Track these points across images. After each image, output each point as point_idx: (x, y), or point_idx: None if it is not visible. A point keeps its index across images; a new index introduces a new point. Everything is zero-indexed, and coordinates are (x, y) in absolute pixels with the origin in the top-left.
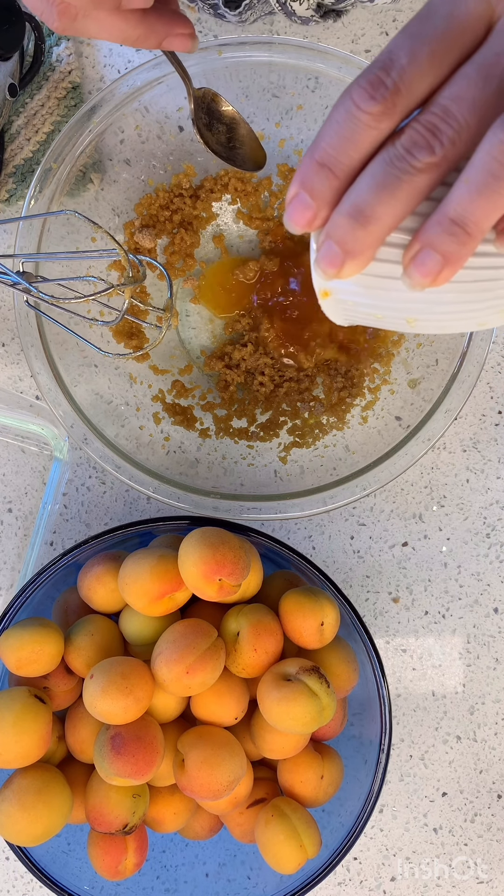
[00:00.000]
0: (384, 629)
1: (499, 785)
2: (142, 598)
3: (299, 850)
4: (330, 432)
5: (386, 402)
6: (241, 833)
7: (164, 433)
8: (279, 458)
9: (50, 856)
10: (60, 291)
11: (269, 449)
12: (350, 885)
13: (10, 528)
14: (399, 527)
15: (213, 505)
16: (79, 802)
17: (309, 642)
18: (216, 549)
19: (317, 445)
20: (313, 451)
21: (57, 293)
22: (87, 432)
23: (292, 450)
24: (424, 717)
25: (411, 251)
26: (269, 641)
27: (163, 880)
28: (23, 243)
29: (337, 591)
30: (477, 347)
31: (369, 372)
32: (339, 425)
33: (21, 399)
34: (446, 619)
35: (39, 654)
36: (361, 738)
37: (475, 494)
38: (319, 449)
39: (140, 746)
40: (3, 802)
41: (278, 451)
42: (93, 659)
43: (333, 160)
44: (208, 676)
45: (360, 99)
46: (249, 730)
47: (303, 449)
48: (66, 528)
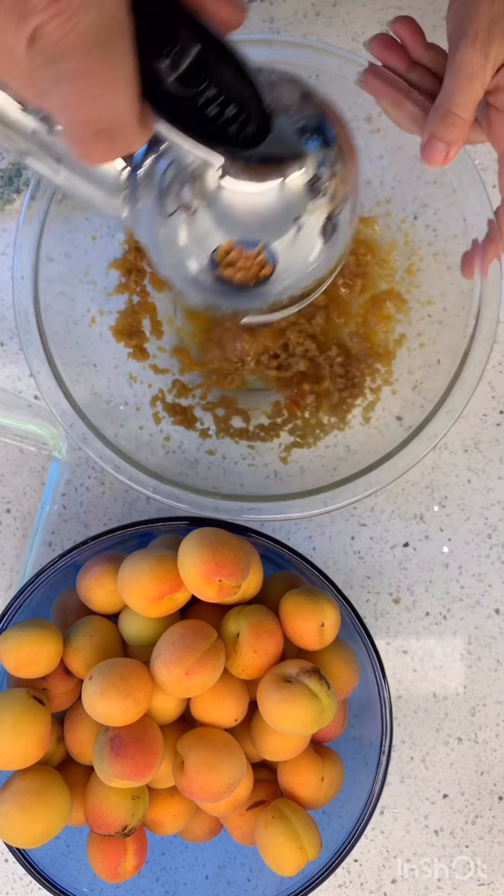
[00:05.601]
0: (385, 630)
1: (500, 787)
2: (141, 599)
3: (299, 853)
4: (331, 432)
5: (387, 402)
6: (240, 835)
7: (164, 433)
8: (280, 459)
9: (49, 858)
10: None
11: (269, 449)
12: (350, 887)
13: (8, 528)
14: (400, 527)
15: (213, 505)
16: (78, 804)
17: (309, 644)
18: (216, 549)
19: (318, 446)
20: (314, 452)
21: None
22: (87, 432)
23: (293, 450)
24: (425, 718)
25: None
26: (270, 643)
27: (162, 882)
28: (22, 241)
29: (337, 592)
30: (479, 347)
31: (370, 372)
32: (341, 426)
33: (19, 399)
34: (447, 621)
35: (38, 655)
36: (362, 740)
37: (476, 495)
38: (320, 449)
39: (139, 748)
40: (2, 804)
41: (279, 452)
42: (92, 660)
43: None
44: (208, 678)
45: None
46: (249, 731)
47: (303, 449)
48: (65, 529)
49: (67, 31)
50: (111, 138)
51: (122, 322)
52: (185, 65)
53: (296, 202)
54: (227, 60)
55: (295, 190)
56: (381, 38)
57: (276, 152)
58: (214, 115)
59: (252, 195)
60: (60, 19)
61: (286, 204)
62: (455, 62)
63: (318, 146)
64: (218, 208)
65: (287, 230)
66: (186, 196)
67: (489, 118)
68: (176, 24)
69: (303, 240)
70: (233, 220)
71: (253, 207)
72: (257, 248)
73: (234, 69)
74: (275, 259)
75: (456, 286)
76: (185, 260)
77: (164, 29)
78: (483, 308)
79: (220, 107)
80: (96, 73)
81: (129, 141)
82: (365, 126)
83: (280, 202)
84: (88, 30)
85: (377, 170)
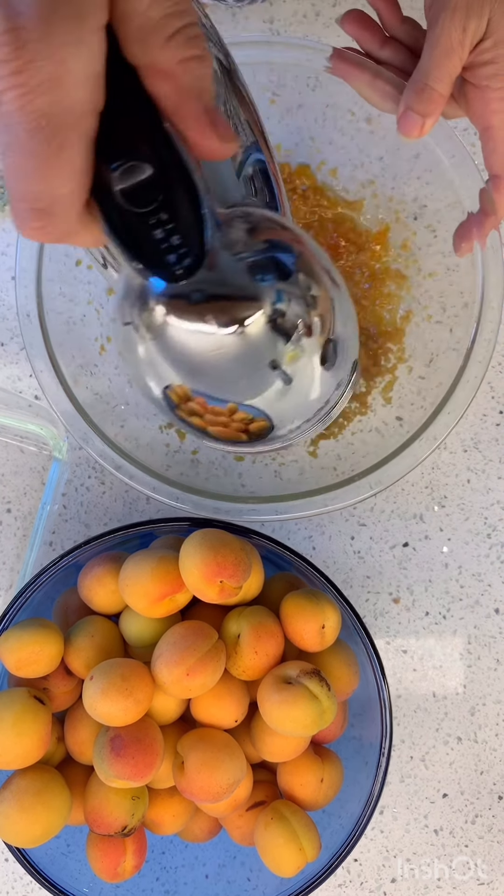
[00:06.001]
0: (385, 630)
1: (500, 786)
2: (142, 599)
3: (298, 854)
4: (354, 419)
5: (404, 380)
6: (240, 836)
7: (165, 433)
8: (308, 453)
9: (49, 857)
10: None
11: (296, 444)
12: (350, 887)
13: (8, 528)
14: (400, 527)
15: (214, 506)
16: (78, 804)
17: (310, 645)
18: (217, 551)
19: (343, 434)
20: (314, 452)
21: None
22: (88, 431)
23: (320, 442)
24: (425, 718)
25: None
26: (270, 644)
27: (162, 882)
28: (24, 241)
29: (338, 593)
30: (481, 347)
31: (384, 352)
32: (363, 410)
33: (20, 399)
34: (447, 620)
35: (39, 655)
36: (362, 740)
37: (476, 495)
38: (321, 449)
39: (139, 748)
40: (2, 804)
41: (306, 447)
42: (93, 660)
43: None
44: (209, 679)
45: None
46: (249, 732)
47: (330, 440)
48: (66, 529)
49: (21, 106)
50: (45, 219)
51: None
52: (132, 182)
53: (264, 348)
54: (183, 187)
55: (258, 335)
56: (353, 15)
57: (222, 291)
58: (159, 239)
59: (204, 346)
60: (16, 93)
61: (253, 355)
62: (433, 37)
63: (272, 283)
64: (166, 345)
65: (264, 382)
66: (135, 317)
67: (466, 94)
68: (141, 136)
69: (293, 384)
70: (187, 367)
71: (210, 359)
72: (226, 406)
73: (188, 198)
74: (263, 413)
75: (456, 287)
76: (145, 377)
77: (127, 138)
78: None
79: (165, 232)
80: (38, 155)
81: (66, 229)
82: (365, 126)
83: (245, 356)
84: (41, 112)
85: (377, 170)
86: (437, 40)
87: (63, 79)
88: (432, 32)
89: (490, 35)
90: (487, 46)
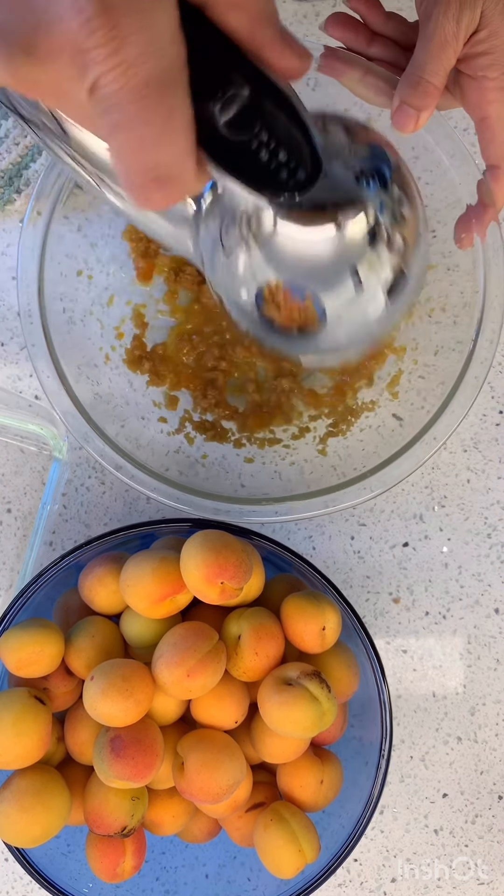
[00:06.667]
0: (384, 630)
1: (499, 786)
2: (143, 600)
3: (298, 855)
4: (361, 414)
5: (389, 403)
6: (239, 837)
7: (165, 433)
8: (318, 452)
9: (48, 857)
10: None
11: (304, 444)
12: (350, 887)
13: (9, 528)
14: (399, 527)
15: (214, 506)
16: (77, 804)
17: (310, 647)
18: (219, 552)
19: (352, 431)
20: (315, 452)
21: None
22: (88, 431)
23: (328, 440)
24: (425, 718)
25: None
26: (271, 645)
27: (162, 882)
28: (26, 242)
29: (338, 593)
30: (483, 349)
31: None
32: (370, 406)
33: (20, 399)
34: (447, 620)
35: (40, 655)
36: (362, 740)
37: (476, 495)
38: (330, 447)
39: (140, 749)
40: (2, 804)
41: (315, 445)
42: (93, 660)
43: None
44: (209, 680)
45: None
46: (249, 733)
47: (338, 437)
48: (66, 529)
49: (124, 84)
50: (168, 184)
51: (133, 352)
52: (235, 109)
53: (352, 252)
54: (280, 105)
55: (352, 239)
56: (336, 18)
57: (329, 197)
58: (267, 160)
59: (304, 240)
60: (117, 72)
61: (341, 253)
62: (427, 31)
63: (375, 190)
64: (270, 249)
65: (340, 282)
66: (244, 233)
67: (462, 86)
68: (228, 67)
69: (361, 295)
70: (282, 262)
71: (303, 252)
72: (304, 296)
73: (288, 114)
74: (324, 312)
75: (456, 287)
76: (238, 288)
77: (217, 73)
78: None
79: (271, 152)
80: (152, 122)
81: (186, 186)
82: None
83: (335, 251)
84: (146, 81)
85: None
86: (432, 34)
87: (156, 42)
88: (426, 26)
89: (484, 26)
90: (482, 37)
